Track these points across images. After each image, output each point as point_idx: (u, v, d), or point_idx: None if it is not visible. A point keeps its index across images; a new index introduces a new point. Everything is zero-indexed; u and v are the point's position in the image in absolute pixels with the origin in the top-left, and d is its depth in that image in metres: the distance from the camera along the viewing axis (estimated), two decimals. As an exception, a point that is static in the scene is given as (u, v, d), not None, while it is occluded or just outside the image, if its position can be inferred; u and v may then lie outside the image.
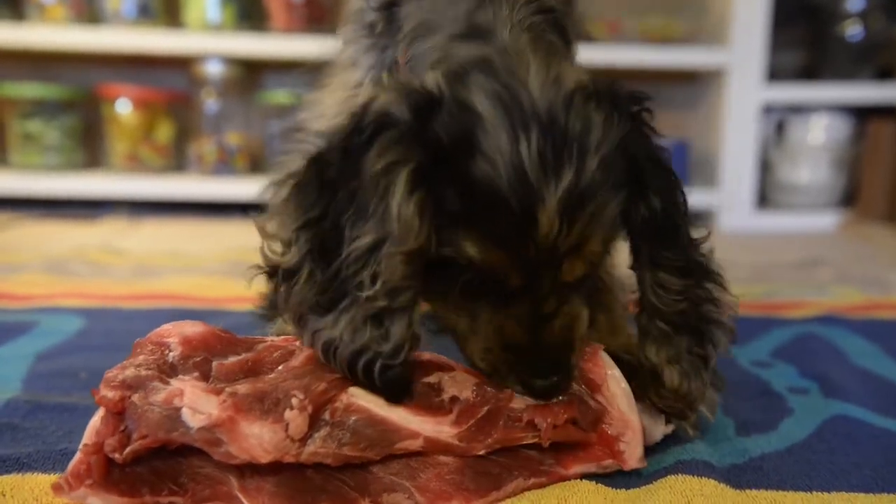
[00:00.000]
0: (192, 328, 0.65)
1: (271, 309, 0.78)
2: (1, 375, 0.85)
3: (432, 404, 0.62)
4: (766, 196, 2.54)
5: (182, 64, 2.41)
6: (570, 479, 0.63)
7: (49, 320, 1.09)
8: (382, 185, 0.59)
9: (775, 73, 2.40)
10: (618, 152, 0.62)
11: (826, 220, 2.41)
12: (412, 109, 0.60)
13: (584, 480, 0.63)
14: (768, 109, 2.43)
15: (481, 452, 0.61)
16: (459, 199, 0.60)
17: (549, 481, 0.63)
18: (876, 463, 0.68)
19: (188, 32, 2.30)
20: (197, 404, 0.56)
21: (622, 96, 0.65)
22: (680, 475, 0.63)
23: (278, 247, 0.67)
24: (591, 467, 0.64)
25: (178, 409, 0.56)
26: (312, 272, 0.63)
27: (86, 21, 2.30)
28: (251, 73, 2.47)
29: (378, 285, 0.59)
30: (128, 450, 0.54)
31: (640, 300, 0.70)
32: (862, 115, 2.44)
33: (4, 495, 0.59)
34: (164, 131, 2.42)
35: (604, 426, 0.64)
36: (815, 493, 0.63)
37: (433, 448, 0.61)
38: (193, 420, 0.55)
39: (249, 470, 0.57)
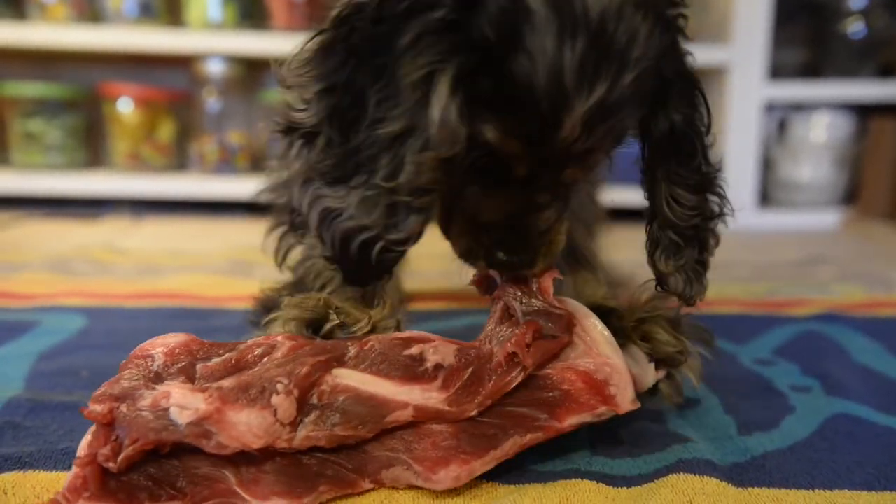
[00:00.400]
0: (174, 338, 0.65)
1: (261, 314, 0.78)
2: (3, 374, 0.85)
3: (417, 374, 0.63)
4: (767, 194, 2.54)
5: (183, 63, 2.41)
6: (565, 432, 0.64)
7: (51, 319, 1.09)
8: (421, 81, 0.59)
9: (777, 71, 2.39)
10: (652, 68, 0.62)
11: (828, 218, 2.41)
12: None
13: (585, 480, 0.63)
14: (770, 107, 2.43)
15: (473, 413, 0.61)
16: (493, 87, 0.59)
17: (546, 436, 0.63)
18: (878, 461, 0.68)
19: (189, 31, 2.30)
20: (183, 402, 0.56)
21: (664, 3, 0.65)
22: (682, 474, 0.63)
23: (298, 102, 0.66)
24: (585, 417, 0.64)
25: (166, 410, 0.56)
26: (331, 139, 0.63)
27: (87, 20, 2.30)
28: (253, 71, 2.47)
29: (403, 180, 0.60)
30: (121, 456, 0.54)
31: (652, 211, 0.72)
32: (864, 112, 2.44)
33: (6, 493, 0.59)
34: (166, 130, 2.42)
35: (590, 373, 0.65)
36: (817, 491, 0.63)
37: (424, 416, 0.61)
38: (181, 417, 0.55)
39: (246, 464, 0.57)
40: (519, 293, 0.68)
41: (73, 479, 0.55)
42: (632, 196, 0.80)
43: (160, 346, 0.64)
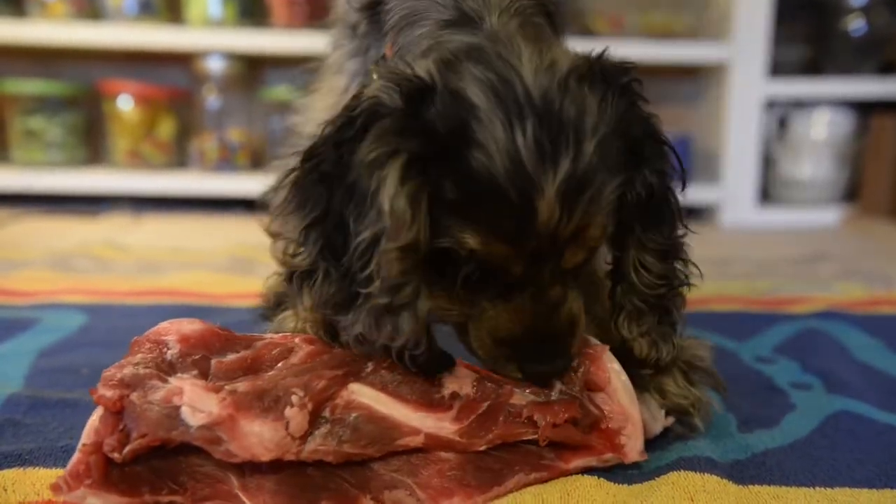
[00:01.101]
0: (191, 326, 0.64)
1: (272, 308, 0.78)
2: (3, 372, 0.85)
3: (433, 400, 0.62)
4: (768, 191, 2.54)
5: (183, 60, 2.41)
6: (570, 474, 0.63)
7: (52, 317, 1.09)
8: (375, 177, 0.58)
9: (778, 68, 2.39)
10: (615, 133, 0.62)
11: (829, 216, 2.41)
12: (404, 97, 0.59)
13: (586, 476, 0.63)
14: (771, 104, 2.42)
15: (482, 448, 0.61)
16: (457, 190, 0.59)
17: (550, 476, 0.63)
18: (879, 458, 0.68)
19: (189, 29, 2.30)
20: (196, 402, 0.55)
21: (613, 72, 0.64)
22: (682, 471, 0.63)
23: (288, 247, 0.67)
24: (591, 461, 0.64)
25: (178, 408, 0.55)
26: (328, 271, 0.63)
27: (87, 17, 2.30)
28: (252, 69, 2.47)
29: (378, 283, 0.59)
30: (127, 449, 0.54)
31: (617, 274, 0.71)
32: (865, 109, 2.44)
33: (6, 490, 0.59)
34: (166, 128, 2.42)
35: (605, 420, 0.64)
36: (817, 488, 0.63)
37: (434, 444, 0.60)
38: (193, 418, 0.55)
39: (250, 468, 0.57)
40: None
41: (75, 464, 0.54)
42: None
43: (175, 333, 0.63)
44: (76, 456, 0.55)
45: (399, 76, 0.60)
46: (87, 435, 0.56)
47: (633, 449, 0.64)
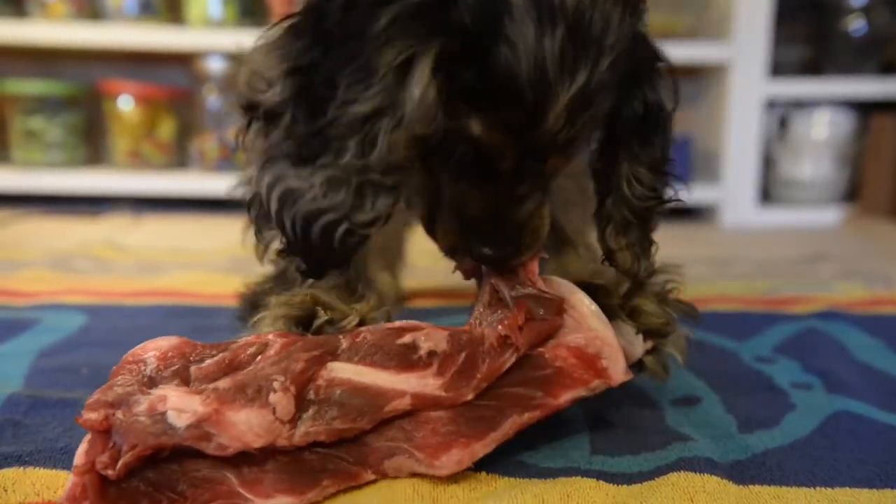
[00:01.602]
0: (167, 342, 0.64)
1: (248, 310, 0.78)
2: (3, 372, 0.85)
3: (411, 362, 0.62)
4: (768, 191, 2.54)
5: (184, 60, 2.41)
6: (562, 408, 0.64)
7: (51, 317, 1.09)
8: (400, 63, 0.58)
9: (778, 68, 2.39)
10: (626, 52, 0.63)
11: (829, 216, 2.41)
12: None
13: (585, 478, 0.63)
14: (771, 104, 2.43)
15: (470, 397, 0.61)
16: (476, 80, 0.60)
17: (543, 414, 0.63)
18: (879, 458, 0.68)
19: (190, 29, 2.30)
20: (181, 405, 0.55)
21: None
22: (682, 472, 0.63)
23: (257, 78, 0.66)
24: (580, 392, 0.64)
25: (163, 414, 0.55)
26: (295, 120, 0.62)
27: (87, 17, 2.30)
28: (253, 69, 2.46)
29: (374, 158, 0.60)
30: (120, 463, 0.53)
31: (609, 187, 0.73)
32: (865, 110, 2.44)
33: (6, 490, 0.59)
34: (166, 128, 2.42)
35: (582, 348, 0.65)
36: (818, 488, 0.62)
37: (422, 403, 0.61)
38: (179, 420, 0.54)
39: (246, 464, 0.57)
40: (506, 279, 0.69)
41: (72, 487, 0.54)
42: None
43: (152, 351, 0.63)
44: (71, 479, 0.54)
45: None
46: (78, 457, 0.55)
47: (617, 371, 0.65)
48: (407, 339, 0.64)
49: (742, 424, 0.75)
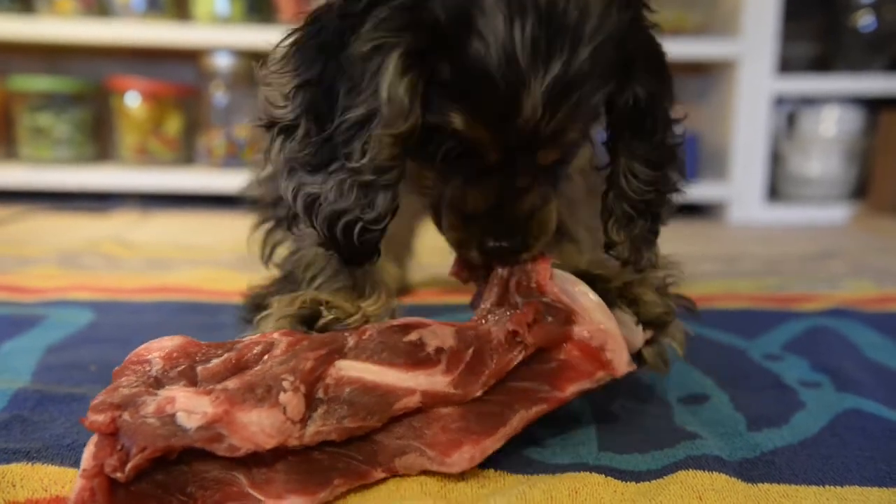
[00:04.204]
0: (170, 342, 0.64)
1: (252, 311, 0.78)
2: (11, 368, 0.85)
3: (419, 359, 0.62)
4: (776, 188, 2.53)
5: (191, 57, 2.42)
6: (569, 401, 0.64)
7: (59, 313, 1.10)
8: (374, 62, 0.61)
9: (787, 65, 2.38)
10: (611, 41, 0.64)
11: (838, 213, 2.40)
12: None
13: (594, 474, 0.63)
14: (779, 101, 2.42)
15: (479, 394, 0.62)
16: (451, 74, 0.62)
17: (550, 407, 0.64)
18: (889, 456, 0.67)
19: (197, 25, 2.30)
20: (190, 406, 0.55)
21: None
22: (691, 470, 0.62)
23: (275, 97, 0.70)
24: (585, 384, 0.65)
25: (173, 415, 0.54)
26: (309, 131, 0.66)
27: (95, 14, 2.31)
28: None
29: (366, 161, 0.63)
30: (129, 466, 0.52)
31: (610, 181, 0.74)
32: (874, 106, 2.43)
33: (14, 486, 0.59)
34: (174, 124, 2.42)
35: (586, 341, 0.65)
36: (827, 487, 0.62)
37: (431, 401, 0.61)
38: (189, 421, 0.54)
39: (256, 465, 0.56)
40: (515, 284, 0.69)
41: (80, 491, 0.53)
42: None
43: (156, 351, 0.63)
44: (79, 483, 0.53)
45: None
46: (86, 461, 0.54)
47: (621, 362, 0.65)
48: (413, 336, 0.64)
49: (751, 422, 0.75)
